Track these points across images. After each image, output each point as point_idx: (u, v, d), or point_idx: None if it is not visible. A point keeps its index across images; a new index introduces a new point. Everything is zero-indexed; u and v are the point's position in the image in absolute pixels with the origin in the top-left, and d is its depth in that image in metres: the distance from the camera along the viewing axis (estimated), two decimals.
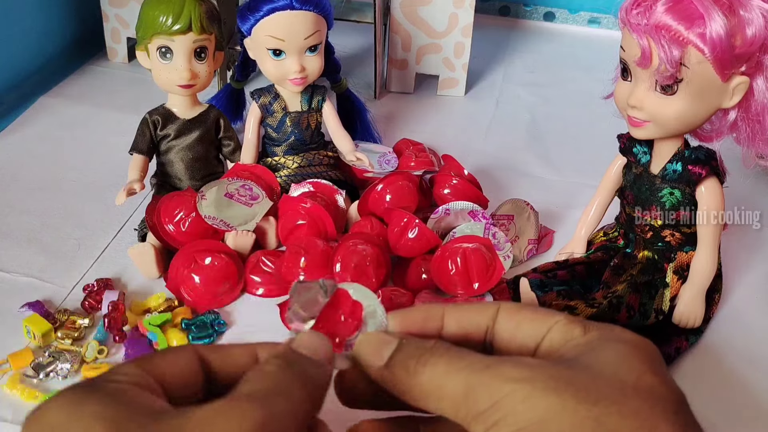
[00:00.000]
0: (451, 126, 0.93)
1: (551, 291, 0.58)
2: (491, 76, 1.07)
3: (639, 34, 0.51)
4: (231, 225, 0.63)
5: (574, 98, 1.01)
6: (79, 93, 0.95)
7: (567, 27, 1.24)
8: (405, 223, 0.63)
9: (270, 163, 0.73)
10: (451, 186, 0.71)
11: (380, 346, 0.33)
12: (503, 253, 0.63)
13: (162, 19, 0.63)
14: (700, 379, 0.57)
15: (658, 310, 0.58)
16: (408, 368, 0.31)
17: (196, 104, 0.69)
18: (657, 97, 0.53)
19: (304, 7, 0.67)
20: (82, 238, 0.69)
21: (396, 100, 0.98)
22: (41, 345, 0.56)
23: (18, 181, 0.77)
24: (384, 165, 0.75)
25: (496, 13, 1.26)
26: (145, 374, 0.30)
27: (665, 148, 0.57)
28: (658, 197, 0.58)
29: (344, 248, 0.61)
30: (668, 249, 0.60)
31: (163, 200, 0.65)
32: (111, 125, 0.88)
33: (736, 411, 0.55)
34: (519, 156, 0.87)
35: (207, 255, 0.61)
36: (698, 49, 0.50)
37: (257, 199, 0.66)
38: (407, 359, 0.32)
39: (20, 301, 0.60)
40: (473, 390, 0.29)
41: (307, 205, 0.65)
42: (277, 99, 0.73)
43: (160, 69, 0.66)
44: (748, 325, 0.63)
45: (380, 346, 0.33)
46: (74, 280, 0.64)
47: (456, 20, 0.95)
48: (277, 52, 0.69)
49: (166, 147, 0.68)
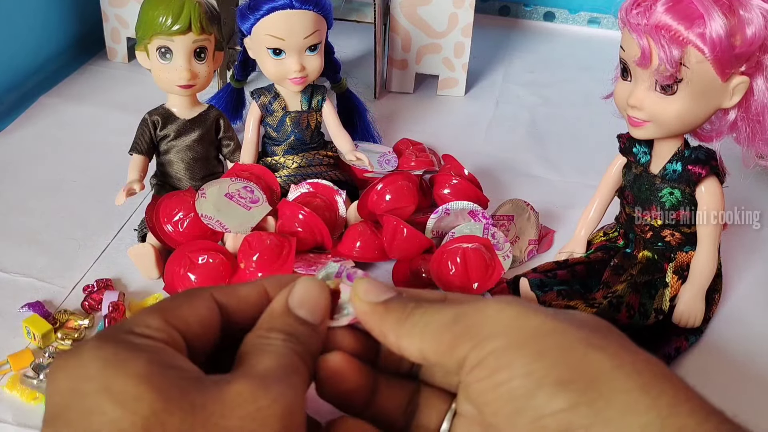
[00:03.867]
0: (451, 126, 0.93)
1: (551, 291, 0.58)
2: (491, 76, 1.07)
3: (639, 34, 0.51)
4: (227, 227, 0.63)
5: (574, 98, 1.01)
6: (79, 93, 0.95)
7: (567, 27, 1.24)
8: (394, 227, 0.63)
9: (270, 163, 0.73)
10: (451, 186, 0.71)
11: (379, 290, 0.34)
12: (503, 253, 0.63)
13: (162, 20, 0.63)
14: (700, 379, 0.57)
15: (658, 309, 0.58)
16: (405, 309, 0.32)
17: (195, 104, 0.69)
18: (657, 97, 0.53)
19: (304, 7, 0.67)
20: (82, 238, 0.69)
21: (396, 100, 0.98)
22: (41, 346, 0.56)
23: (18, 181, 0.77)
24: (384, 165, 0.75)
25: (496, 13, 1.26)
26: (171, 329, 0.30)
27: (665, 148, 0.57)
28: (657, 197, 0.58)
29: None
30: (668, 249, 0.60)
31: (162, 200, 0.65)
32: (111, 125, 0.88)
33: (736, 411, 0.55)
34: (519, 156, 0.87)
35: (201, 254, 0.61)
36: (698, 49, 0.50)
37: (257, 202, 0.66)
38: (406, 302, 0.33)
39: (20, 302, 0.60)
40: (463, 314, 0.31)
41: (302, 217, 0.65)
42: (277, 98, 0.73)
43: (159, 69, 0.66)
44: (748, 325, 0.63)
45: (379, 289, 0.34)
46: (74, 280, 0.64)
47: (456, 20, 0.95)
48: (277, 52, 0.69)
49: (166, 147, 0.68)
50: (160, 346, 0.29)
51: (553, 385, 0.28)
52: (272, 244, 0.61)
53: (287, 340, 0.31)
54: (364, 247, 0.65)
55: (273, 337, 0.31)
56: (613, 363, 0.28)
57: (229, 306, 0.33)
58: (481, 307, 0.31)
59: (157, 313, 0.30)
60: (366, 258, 0.65)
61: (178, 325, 0.30)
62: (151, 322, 0.30)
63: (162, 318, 0.30)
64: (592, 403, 0.27)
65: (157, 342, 0.29)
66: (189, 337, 0.31)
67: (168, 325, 0.30)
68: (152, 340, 0.29)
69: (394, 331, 0.32)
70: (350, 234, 0.66)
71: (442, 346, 0.31)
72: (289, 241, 0.62)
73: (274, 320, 0.33)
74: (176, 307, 0.31)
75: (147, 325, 0.29)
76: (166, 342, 0.29)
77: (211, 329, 0.32)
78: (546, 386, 0.28)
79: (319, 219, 0.65)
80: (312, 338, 0.32)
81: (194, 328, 0.31)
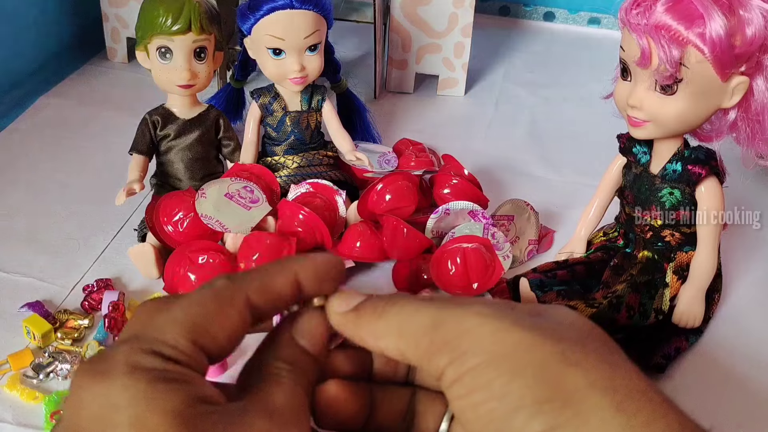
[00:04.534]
0: (451, 126, 0.93)
1: (551, 291, 0.58)
2: (491, 76, 1.07)
3: (639, 34, 0.51)
4: (226, 227, 0.63)
5: (574, 98, 1.00)
6: (79, 93, 0.95)
7: (567, 27, 1.24)
8: (394, 227, 0.63)
9: (270, 163, 0.73)
10: (451, 186, 0.71)
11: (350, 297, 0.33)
12: (502, 253, 0.63)
13: (161, 20, 0.63)
14: (700, 379, 0.57)
15: (658, 309, 0.58)
16: (376, 308, 0.32)
17: (195, 104, 0.69)
18: (657, 97, 0.53)
19: (304, 6, 0.67)
20: (82, 238, 0.69)
21: (396, 100, 0.98)
22: (41, 345, 0.56)
23: (18, 181, 0.77)
24: (384, 165, 0.75)
25: (496, 13, 1.26)
26: (198, 351, 0.28)
27: (665, 148, 0.57)
28: (657, 197, 0.58)
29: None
30: (668, 249, 0.60)
31: (162, 200, 0.65)
32: (111, 125, 0.88)
33: (735, 411, 0.55)
34: (519, 156, 0.87)
35: (201, 254, 0.61)
36: (698, 48, 0.50)
37: (257, 202, 0.66)
38: (376, 302, 0.32)
39: (20, 302, 0.60)
40: (442, 321, 0.30)
41: (302, 217, 0.65)
42: (277, 98, 0.73)
43: (159, 69, 0.66)
44: (748, 325, 0.63)
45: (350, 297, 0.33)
46: (74, 280, 0.64)
47: (456, 20, 0.95)
48: (277, 52, 0.69)
49: (166, 147, 0.68)
50: (190, 376, 0.27)
51: (531, 406, 0.27)
52: (272, 244, 0.61)
53: (292, 372, 0.31)
54: (364, 247, 0.65)
55: (281, 367, 0.31)
56: (588, 380, 0.28)
57: (262, 307, 0.31)
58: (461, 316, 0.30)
59: (186, 331, 0.28)
60: (366, 258, 0.65)
61: (207, 344, 0.28)
62: (180, 342, 0.28)
63: (191, 339, 0.28)
64: (568, 423, 0.27)
65: (184, 368, 0.27)
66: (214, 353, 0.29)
67: (196, 348, 0.28)
68: (181, 366, 0.27)
69: (371, 333, 0.32)
70: (350, 234, 0.66)
71: (419, 350, 0.31)
72: (289, 241, 0.62)
73: (279, 349, 0.32)
74: (207, 323, 0.29)
75: (175, 346, 0.28)
76: (192, 367, 0.28)
77: (237, 341, 0.30)
78: (523, 408, 0.27)
79: (319, 219, 0.65)
80: (313, 368, 0.32)
81: (221, 343, 0.29)
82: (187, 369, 0.28)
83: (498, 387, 0.28)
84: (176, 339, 0.28)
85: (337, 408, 0.34)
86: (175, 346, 0.28)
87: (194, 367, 0.28)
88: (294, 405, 0.30)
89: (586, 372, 0.28)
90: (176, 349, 0.28)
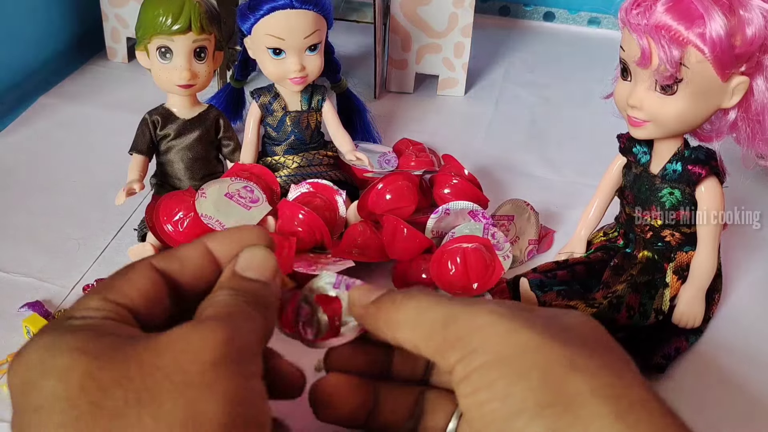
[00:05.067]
0: (451, 126, 0.93)
1: (551, 291, 0.58)
2: (491, 76, 1.07)
3: (639, 34, 0.51)
4: (226, 226, 0.63)
5: (574, 98, 1.01)
6: (79, 93, 0.95)
7: (567, 27, 1.24)
8: (394, 227, 0.63)
9: (270, 163, 0.73)
10: (451, 186, 0.71)
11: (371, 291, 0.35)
12: (503, 253, 0.63)
13: (161, 19, 0.63)
14: (700, 379, 0.57)
15: (658, 310, 0.58)
16: (395, 301, 0.33)
17: (195, 104, 0.69)
18: (657, 97, 0.53)
19: (304, 6, 0.67)
20: (82, 238, 0.69)
21: (396, 100, 0.98)
22: None
23: (18, 181, 0.77)
24: (384, 165, 0.75)
25: (496, 13, 1.26)
26: (112, 305, 0.30)
27: (665, 148, 0.57)
28: (657, 197, 0.58)
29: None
30: (668, 249, 0.60)
31: (162, 200, 0.65)
32: (111, 125, 0.88)
33: (736, 411, 0.55)
34: (519, 156, 0.87)
35: None
36: (698, 49, 0.50)
37: (257, 202, 0.66)
38: (395, 295, 0.34)
39: (20, 301, 0.60)
40: (454, 317, 0.31)
41: (302, 217, 0.65)
42: (277, 98, 0.73)
43: (159, 69, 0.66)
44: (748, 325, 0.63)
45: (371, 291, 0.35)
46: (74, 280, 0.64)
47: (456, 20, 0.95)
48: (277, 51, 0.69)
49: (166, 147, 0.68)
50: (98, 322, 0.29)
51: (532, 409, 0.28)
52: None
53: (234, 294, 0.32)
54: (363, 247, 0.65)
55: (219, 293, 0.32)
56: (591, 386, 0.28)
57: (172, 271, 0.33)
58: (474, 313, 0.31)
59: (95, 294, 0.31)
60: (366, 258, 0.65)
61: (120, 299, 0.31)
62: (90, 303, 0.30)
63: (100, 297, 0.31)
64: (568, 428, 0.27)
65: (95, 320, 0.29)
66: (136, 310, 0.31)
67: (108, 302, 0.30)
68: (91, 319, 0.29)
69: (388, 325, 0.33)
70: (350, 234, 0.66)
71: (433, 344, 0.31)
72: (289, 241, 0.62)
73: (222, 283, 0.33)
74: (114, 283, 0.31)
75: (86, 307, 0.30)
76: (108, 318, 0.30)
77: (157, 299, 0.32)
78: (525, 411, 0.28)
79: (319, 219, 0.65)
80: (264, 291, 0.33)
81: (138, 300, 0.31)
82: (99, 320, 0.30)
83: (501, 388, 0.28)
84: (86, 302, 0.31)
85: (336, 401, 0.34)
86: (86, 307, 0.30)
87: (111, 318, 0.30)
88: (223, 312, 0.30)
89: (590, 378, 0.28)
90: (88, 309, 0.30)
